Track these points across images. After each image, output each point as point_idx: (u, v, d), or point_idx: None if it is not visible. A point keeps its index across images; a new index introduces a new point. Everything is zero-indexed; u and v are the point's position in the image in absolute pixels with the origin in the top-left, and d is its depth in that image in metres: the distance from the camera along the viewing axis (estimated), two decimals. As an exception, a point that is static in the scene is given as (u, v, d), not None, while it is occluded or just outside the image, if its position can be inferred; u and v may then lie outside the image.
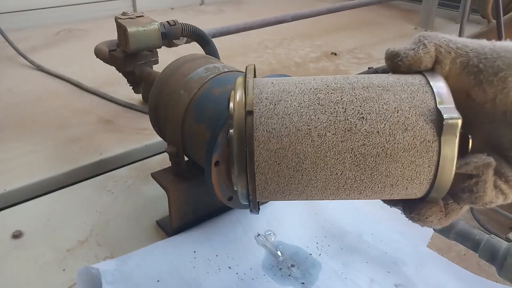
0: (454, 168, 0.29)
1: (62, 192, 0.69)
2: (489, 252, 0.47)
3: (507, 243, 0.47)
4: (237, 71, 0.58)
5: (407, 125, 0.28)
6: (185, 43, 0.89)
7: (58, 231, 0.61)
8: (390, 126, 0.28)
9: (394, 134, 0.28)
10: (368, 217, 0.63)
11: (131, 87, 0.91)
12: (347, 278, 0.53)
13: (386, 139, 0.28)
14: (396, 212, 0.56)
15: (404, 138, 0.28)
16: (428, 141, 0.28)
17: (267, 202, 0.61)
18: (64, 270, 0.54)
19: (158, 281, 0.50)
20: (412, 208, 0.32)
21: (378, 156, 0.28)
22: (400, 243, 0.59)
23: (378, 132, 0.28)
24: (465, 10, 0.76)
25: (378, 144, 0.28)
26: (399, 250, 0.57)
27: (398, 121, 0.28)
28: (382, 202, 0.56)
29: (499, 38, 0.72)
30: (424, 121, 0.28)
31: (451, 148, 0.28)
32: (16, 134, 0.84)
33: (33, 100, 0.99)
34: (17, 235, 0.59)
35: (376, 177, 0.29)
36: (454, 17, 1.81)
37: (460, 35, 0.76)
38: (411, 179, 0.29)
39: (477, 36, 0.99)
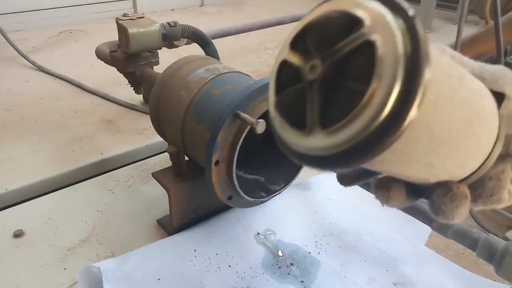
0: (501, 146, 0.29)
1: (63, 192, 0.70)
2: (487, 251, 0.47)
3: (505, 242, 0.48)
4: (237, 71, 0.58)
5: (485, 92, 0.28)
6: (185, 44, 0.90)
7: (59, 230, 0.61)
8: (476, 89, 0.27)
9: (481, 97, 0.27)
10: (367, 216, 0.64)
11: (132, 87, 0.92)
12: (346, 276, 0.54)
13: (476, 100, 0.27)
14: (395, 211, 0.56)
15: (484, 104, 0.27)
16: (494, 114, 0.28)
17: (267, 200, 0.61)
18: (65, 269, 0.55)
19: (158, 279, 0.51)
20: (458, 185, 0.30)
21: (471, 119, 0.26)
22: (399, 242, 0.59)
23: (474, 91, 0.27)
24: (463, 11, 0.76)
25: (474, 104, 0.26)
26: (397, 249, 0.58)
27: (478, 87, 0.27)
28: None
29: (497, 39, 0.73)
30: (488, 93, 0.28)
31: (508, 124, 0.28)
32: (18, 134, 0.85)
33: (34, 101, 1.00)
34: (18, 235, 0.60)
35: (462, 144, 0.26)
36: (452, 18, 1.82)
37: (458, 36, 0.76)
38: (478, 149, 0.28)
39: (475, 37, 0.99)
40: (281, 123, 0.27)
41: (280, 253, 0.56)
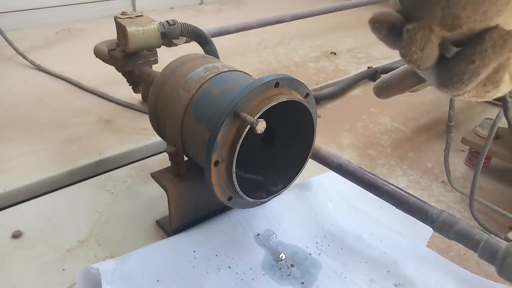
0: None
1: (61, 192, 0.69)
2: (489, 252, 0.47)
3: (506, 243, 0.47)
4: (236, 70, 0.58)
5: None
6: (185, 42, 0.89)
7: (57, 231, 0.61)
8: None
9: None
10: (367, 217, 0.63)
11: (131, 86, 0.91)
12: (346, 277, 0.53)
13: None
14: (396, 211, 0.56)
15: None
16: None
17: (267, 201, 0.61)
18: (63, 270, 0.54)
19: (157, 280, 0.50)
20: None
21: None
22: (400, 242, 0.59)
23: None
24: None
25: None
26: (398, 250, 0.57)
27: None
28: (381, 202, 0.56)
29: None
30: None
31: None
32: (16, 134, 0.84)
33: (32, 100, 0.99)
34: (16, 235, 0.59)
35: None
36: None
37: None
38: None
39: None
40: None
41: (282, 256, 0.56)
